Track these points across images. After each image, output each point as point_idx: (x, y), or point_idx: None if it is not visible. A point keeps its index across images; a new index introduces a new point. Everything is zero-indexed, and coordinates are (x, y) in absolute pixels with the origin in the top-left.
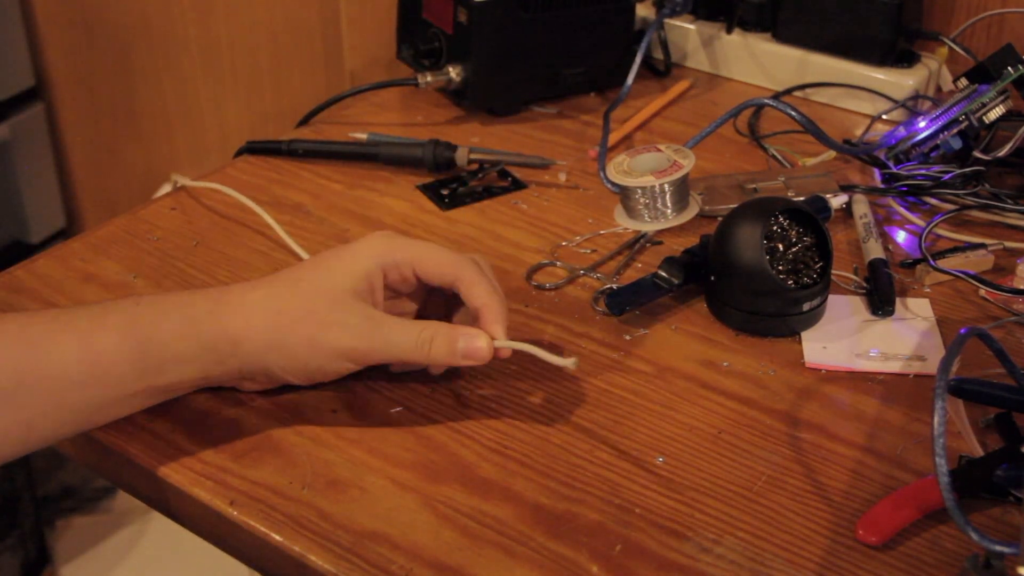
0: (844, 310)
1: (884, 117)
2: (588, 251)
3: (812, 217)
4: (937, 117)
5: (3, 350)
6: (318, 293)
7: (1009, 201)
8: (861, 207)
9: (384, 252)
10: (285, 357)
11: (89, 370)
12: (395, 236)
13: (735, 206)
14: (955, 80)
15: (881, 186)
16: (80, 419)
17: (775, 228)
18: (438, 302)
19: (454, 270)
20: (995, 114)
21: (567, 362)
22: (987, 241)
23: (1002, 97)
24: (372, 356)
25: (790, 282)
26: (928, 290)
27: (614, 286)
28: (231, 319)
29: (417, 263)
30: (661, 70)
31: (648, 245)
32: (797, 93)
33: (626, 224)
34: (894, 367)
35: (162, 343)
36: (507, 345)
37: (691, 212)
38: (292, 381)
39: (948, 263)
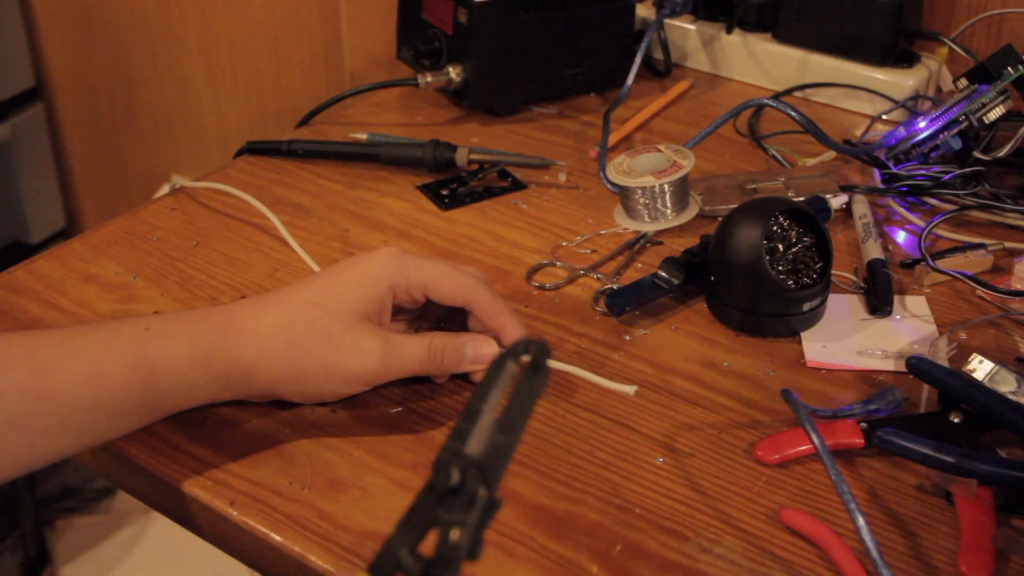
0: (843, 310)
1: (884, 117)
2: (588, 251)
3: (812, 217)
4: (937, 117)
5: (11, 374)
6: (331, 318)
7: (1009, 201)
8: (861, 207)
9: (396, 274)
10: (299, 383)
11: (97, 395)
12: (405, 256)
13: (735, 206)
14: (955, 80)
15: (881, 186)
16: (86, 439)
17: (775, 228)
18: (436, 306)
19: (467, 294)
20: (995, 114)
21: (627, 389)
22: (987, 241)
23: (1002, 97)
24: (386, 376)
25: (790, 282)
26: (927, 290)
27: (614, 286)
28: (243, 349)
29: (429, 287)
30: (661, 70)
31: (648, 245)
32: (797, 93)
33: (626, 224)
34: (894, 365)
35: (172, 373)
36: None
37: (691, 212)
38: (301, 402)
39: (947, 263)
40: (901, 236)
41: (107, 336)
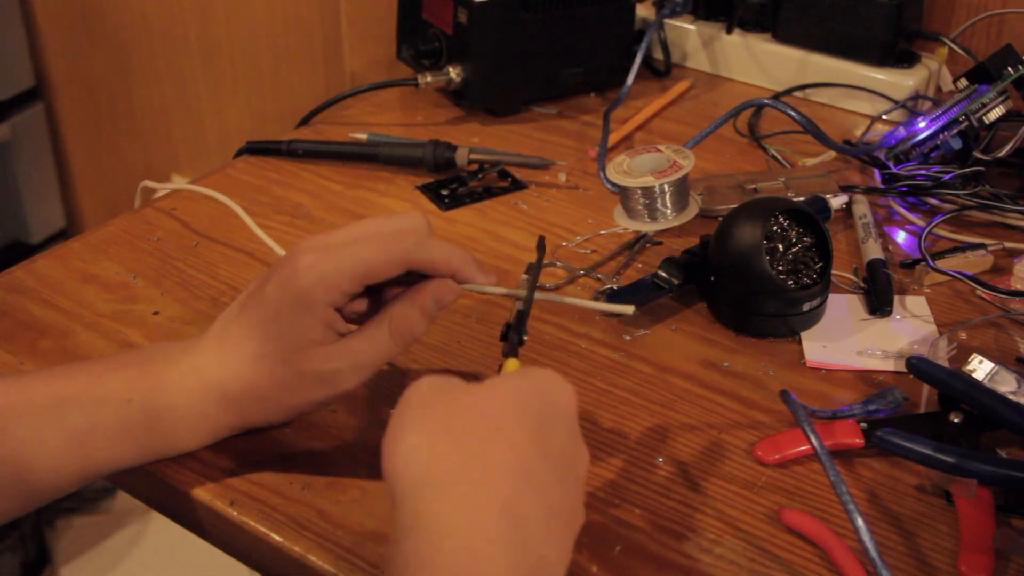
0: (843, 310)
1: (884, 117)
2: (588, 251)
3: (812, 217)
4: (937, 117)
5: None
6: (282, 366)
7: (1009, 201)
8: (861, 207)
9: (325, 293)
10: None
11: (86, 464)
12: (323, 260)
13: (735, 206)
14: (955, 80)
15: (881, 186)
16: (78, 486)
17: (775, 228)
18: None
19: (404, 266)
20: (995, 114)
21: (625, 309)
22: (986, 241)
23: (1002, 97)
24: (367, 376)
25: (790, 282)
26: (927, 290)
27: (614, 286)
28: (229, 418)
29: (366, 280)
30: (661, 70)
31: (648, 245)
32: (797, 93)
33: (626, 224)
34: (894, 365)
35: (161, 443)
36: (497, 292)
37: (691, 212)
38: None
39: (947, 263)
40: (901, 236)
41: (90, 409)
